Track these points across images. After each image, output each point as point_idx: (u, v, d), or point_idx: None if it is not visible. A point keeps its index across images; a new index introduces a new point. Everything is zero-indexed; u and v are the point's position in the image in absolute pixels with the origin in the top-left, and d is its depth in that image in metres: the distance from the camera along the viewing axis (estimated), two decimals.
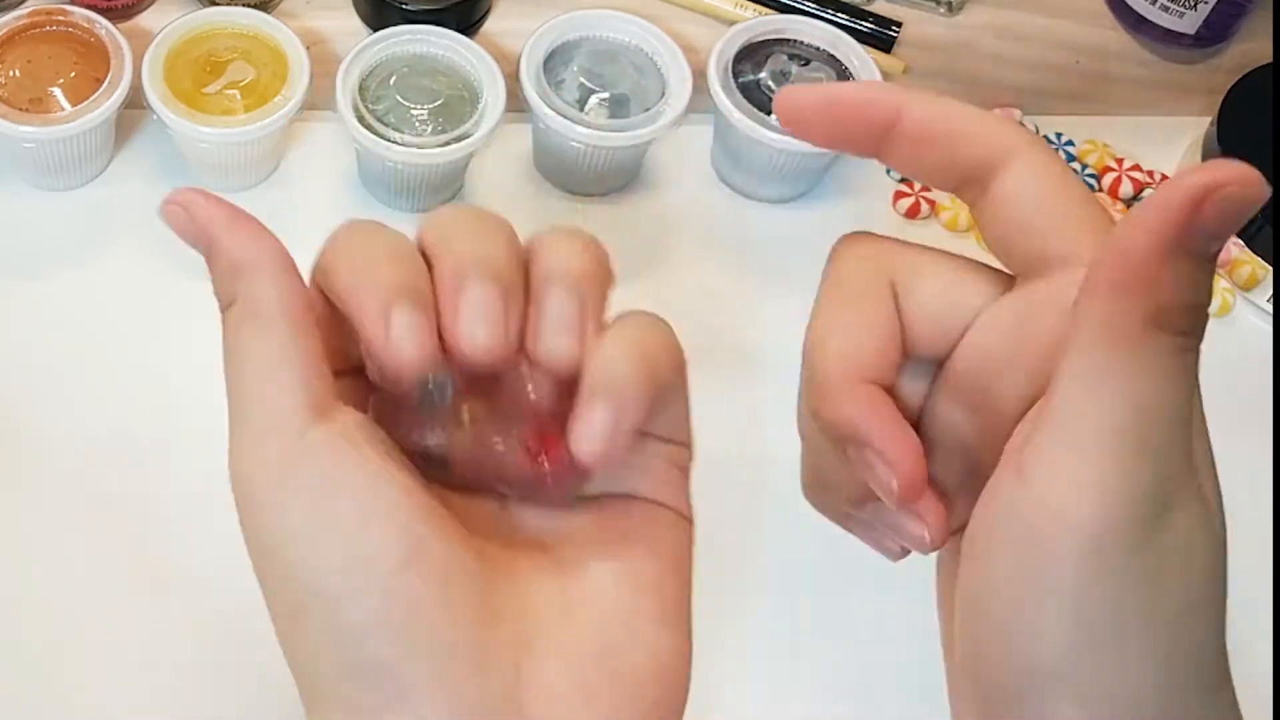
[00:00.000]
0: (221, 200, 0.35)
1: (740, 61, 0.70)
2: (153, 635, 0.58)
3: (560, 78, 0.69)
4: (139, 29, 0.70)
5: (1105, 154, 0.76)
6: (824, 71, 0.70)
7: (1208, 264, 0.29)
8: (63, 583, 0.59)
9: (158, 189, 0.70)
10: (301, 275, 0.35)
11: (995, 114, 0.34)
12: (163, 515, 0.61)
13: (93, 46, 0.67)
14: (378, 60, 0.68)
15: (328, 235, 0.36)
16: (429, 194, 0.69)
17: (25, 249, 0.68)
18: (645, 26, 0.70)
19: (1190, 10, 0.73)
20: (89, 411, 0.63)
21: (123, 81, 0.65)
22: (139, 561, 0.60)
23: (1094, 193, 0.75)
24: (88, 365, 0.64)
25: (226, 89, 0.67)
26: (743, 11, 0.73)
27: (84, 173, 0.69)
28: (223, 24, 0.68)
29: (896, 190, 0.74)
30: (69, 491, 0.61)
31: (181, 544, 0.60)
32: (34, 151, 0.66)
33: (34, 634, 0.58)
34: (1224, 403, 0.69)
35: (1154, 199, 0.28)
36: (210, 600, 0.59)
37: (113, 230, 0.68)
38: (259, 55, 0.67)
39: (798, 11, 0.74)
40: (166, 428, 0.63)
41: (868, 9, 0.75)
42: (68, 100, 0.65)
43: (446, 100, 0.67)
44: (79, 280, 0.67)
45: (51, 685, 0.57)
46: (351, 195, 0.71)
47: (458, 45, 0.68)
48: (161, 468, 0.62)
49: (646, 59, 0.70)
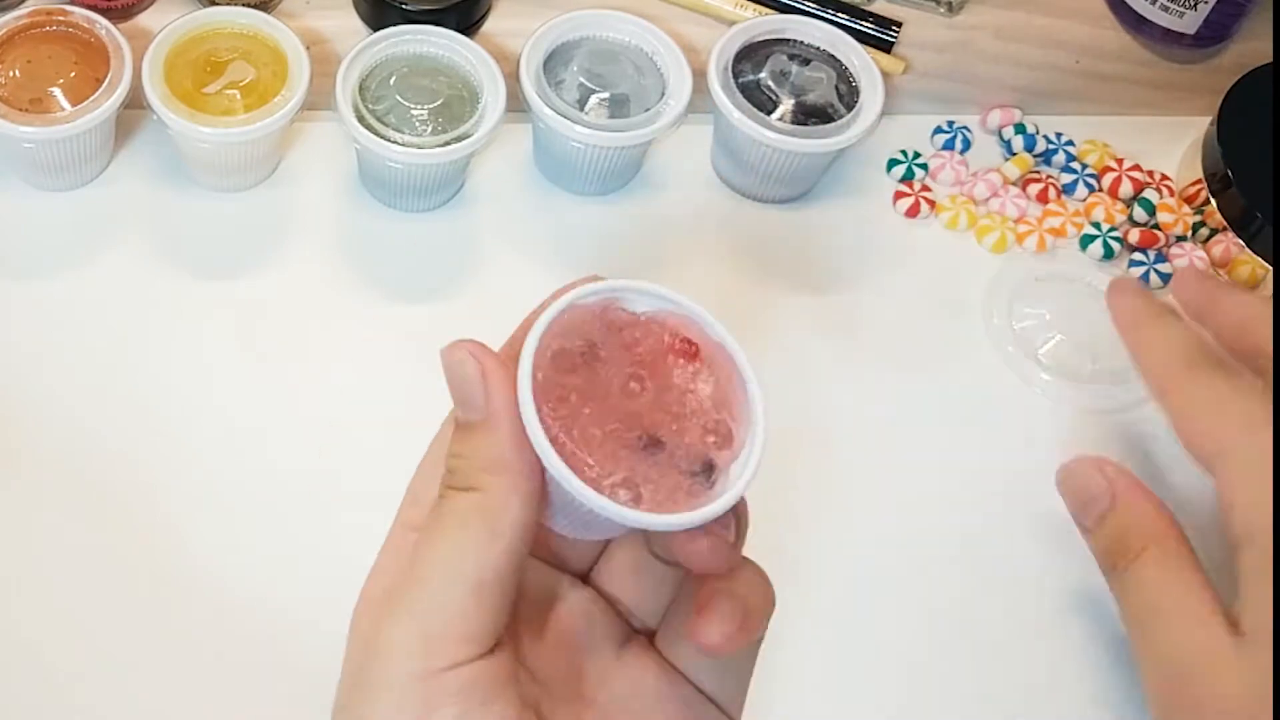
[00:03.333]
0: (506, 374, 0.36)
1: (740, 61, 0.70)
2: (153, 635, 0.58)
3: (560, 78, 0.69)
4: (139, 29, 0.70)
5: (1105, 154, 0.76)
6: (824, 71, 0.70)
7: None
8: (63, 583, 0.59)
9: (158, 189, 0.70)
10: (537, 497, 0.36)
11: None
12: (163, 515, 0.61)
13: (93, 46, 0.67)
14: (378, 60, 0.68)
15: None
16: (429, 194, 0.69)
17: (25, 249, 0.68)
18: (645, 26, 0.70)
19: (1190, 10, 0.73)
20: (88, 411, 0.63)
21: (123, 81, 0.65)
22: (139, 561, 0.60)
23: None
24: (87, 365, 0.64)
25: (226, 89, 0.67)
26: (743, 11, 0.73)
27: (84, 173, 0.69)
28: (223, 24, 0.68)
29: (896, 190, 0.74)
30: (68, 491, 0.61)
31: (181, 544, 0.60)
32: (34, 151, 0.66)
33: (34, 634, 0.58)
34: None
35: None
36: (211, 600, 0.59)
37: (113, 230, 0.68)
38: (259, 55, 0.67)
39: (798, 11, 0.74)
40: (166, 428, 0.63)
41: (868, 9, 0.75)
42: (68, 100, 0.65)
43: (446, 100, 0.67)
44: (78, 280, 0.67)
45: (51, 685, 0.57)
46: (351, 195, 0.71)
47: (458, 45, 0.68)
48: (161, 468, 0.62)
49: (646, 59, 0.70)
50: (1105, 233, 0.73)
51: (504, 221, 0.71)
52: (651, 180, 0.73)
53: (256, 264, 0.68)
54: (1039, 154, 0.75)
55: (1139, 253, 0.73)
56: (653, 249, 0.71)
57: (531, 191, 0.72)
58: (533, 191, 0.72)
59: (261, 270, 0.68)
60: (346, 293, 0.68)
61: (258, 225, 0.69)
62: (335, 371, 0.65)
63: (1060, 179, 0.75)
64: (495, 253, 0.70)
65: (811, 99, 0.69)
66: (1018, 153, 0.75)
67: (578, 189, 0.72)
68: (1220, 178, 0.71)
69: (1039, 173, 0.75)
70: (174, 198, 0.69)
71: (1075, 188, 0.75)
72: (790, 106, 0.69)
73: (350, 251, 0.69)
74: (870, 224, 0.73)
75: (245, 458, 0.63)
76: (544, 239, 0.71)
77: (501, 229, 0.71)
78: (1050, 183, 0.74)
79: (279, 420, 0.64)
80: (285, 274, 0.68)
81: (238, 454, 0.63)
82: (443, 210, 0.71)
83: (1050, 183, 0.74)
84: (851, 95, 0.70)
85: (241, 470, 0.62)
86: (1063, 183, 0.75)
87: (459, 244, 0.70)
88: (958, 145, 0.76)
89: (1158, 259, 0.72)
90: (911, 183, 0.74)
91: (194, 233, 0.68)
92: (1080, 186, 0.75)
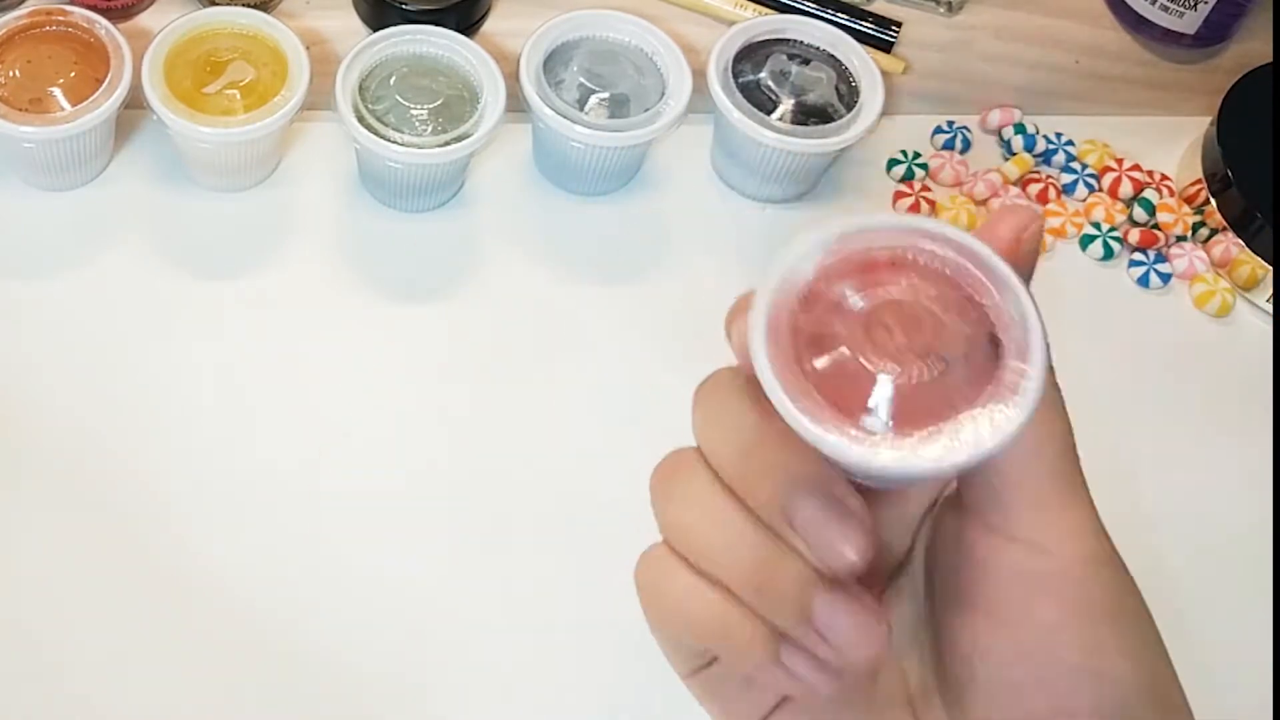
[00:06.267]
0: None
1: (740, 61, 0.70)
2: (153, 634, 0.58)
3: (560, 78, 0.69)
4: (139, 29, 0.70)
5: (1105, 154, 0.75)
6: (824, 71, 0.70)
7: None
8: (62, 583, 0.59)
9: (158, 189, 0.70)
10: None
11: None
12: (162, 515, 0.61)
13: (93, 46, 0.67)
14: (378, 60, 0.68)
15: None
16: (429, 194, 0.69)
17: (25, 249, 0.68)
18: (645, 26, 0.70)
19: (1190, 10, 0.73)
20: (88, 411, 0.63)
21: (122, 81, 0.65)
22: (138, 560, 0.60)
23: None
24: (87, 365, 0.64)
25: (226, 89, 0.67)
26: (743, 11, 0.73)
27: (84, 173, 0.69)
28: (223, 24, 0.68)
29: (896, 190, 0.74)
30: (68, 491, 0.61)
31: (181, 543, 0.60)
32: (34, 151, 0.66)
33: (33, 634, 0.58)
34: (1224, 402, 0.70)
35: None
36: (210, 598, 0.59)
37: (113, 230, 0.68)
38: (259, 55, 0.67)
39: (798, 11, 0.74)
40: (166, 427, 0.63)
41: (868, 9, 0.75)
42: (68, 100, 0.65)
43: (446, 100, 0.67)
44: (78, 280, 0.67)
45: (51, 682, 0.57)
46: (351, 195, 0.71)
47: (458, 45, 0.68)
48: (161, 467, 0.62)
49: (646, 59, 0.70)
50: (1105, 233, 0.73)
51: (504, 221, 0.71)
52: (651, 180, 0.73)
53: (256, 264, 0.68)
54: (1039, 154, 0.75)
55: (1139, 253, 0.73)
56: (653, 249, 0.71)
57: (531, 191, 0.72)
58: (533, 191, 0.72)
59: (261, 270, 0.68)
60: (346, 293, 0.68)
61: (258, 225, 0.69)
62: (335, 371, 0.65)
63: (1060, 179, 0.75)
64: (495, 253, 0.70)
65: (811, 99, 0.69)
66: (1017, 153, 0.75)
67: (578, 189, 0.72)
68: (1220, 178, 0.71)
69: (1039, 173, 0.75)
70: (174, 198, 0.69)
71: (1075, 188, 0.75)
72: (790, 106, 0.69)
73: (350, 251, 0.69)
74: None
75: (245, 457, 0.63)
76: (544, 239, 0.71)
77: (501, 229, 0.71)
78: (1050, 183, 0.74)
79: (279, 420, 0.64)
80: (285, 274, 0.68)
81: (237, 452, 0.63)
82: (443, 210, 0.71)
83: (1050, 183, 0.74)
84: (851, 95, 0.70)
85: (241, 469, 0.62)
86: (1063, 183, 0.75)
87: (459, 244, 0.70)
88: (958, 145, 0.76)
89: (1158, 259, 0.72)
90: (911, 183, 0.74)
91: (194, 233, 0.68)
92: (1080, 186, 0.75)
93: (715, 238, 0.72)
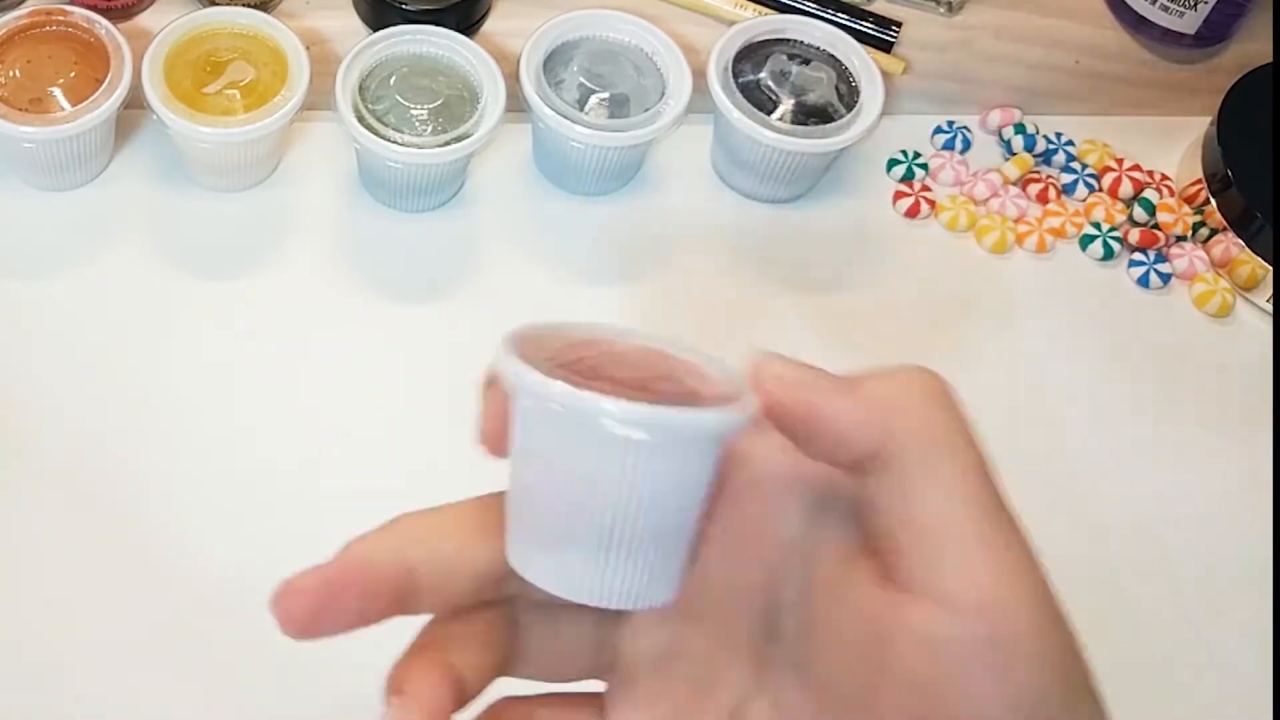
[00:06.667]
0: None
1: (740, 61, 0.70)
2: (153, 633, 0.58)
3: (560, 78, 0.69)
4: (139, 29, 0.70)
5: (1105, 154, 0.76)
6: (824, 71, 0.70)
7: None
8: (62, 583, 0.59)
9: (158, 189, 0.70)
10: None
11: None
12: (162, 515, 0.61)
13: (93, 46, 0.67)
14: (378, 60, 0.68)
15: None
16: (429, 194, 0.69)
17: (25, 249, 0.68)
18: (645, 26, 0.70)
19: (1190, 10, 0.73)
20: (88, 411, 0.63)
21: (122, 81, 0.65)
22: (139, 560, 0.60)
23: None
24: (87, 365, 0.64)
25: (226, 89, 0.67)
26: (743, 11, 0.73)
27: (84, 173, 0.69)
28: (223, 24, 0.68)
29: (896, 190, 0.74)
30: (68, 490, 0.61)
31: (181, 542, 0.60)
32: (34, 151, 0.66)
33: (33, 634, 0.58)
34: (1224, 402, 0.70)
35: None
36: (210, 598, 0.59)
37: (112, 230, 0.68)
38: (259, 55, 0.67)
39: (798, 11, 0.74)
40: (166, 427, 0.63)
41: (868, 9, 0.75)
42: (68, 100, 0.65)
43: (446, 100, 0.67)
44: (78, 280, 0.67)
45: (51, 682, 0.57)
46: (351, 195, 0.71)
47: (458, 45, 0.68)
48: (161, 467, 0.62)
49: (646, 59, 0.70)
50: (1105, 233, 0.73)
51: (504, 221, 0.71)
52: (651, 180, 0.73)
53: (256, 264, 0.68)
54: (1039, 154, 0.75)
55: (1139, 253, 0.73)
56: (653, 249, 0.71)
57: (531, 191, 0.72)
58: (533, 191, 0.72)
59: (261, 270, 0.68)
60: (346, 293, 0.68)
61: (258, 225, 0.69)
62: (335, 371, 0.65)
63: (1060, 179, 0.75)
64: (495, 253, 0.70)
65: (811, 99, 0.69)
66: (1018, 153, 0.75)
67: (578, 189, 0.72)
68: (1220, 178, 0.71)
69: (1039, 173, 0.75)
70: (174, 198, 0.69)
71: (1075, 188, 0.75)
72: (790, 106, 0.69)
73: (350, 251, 0.69)
74: (870, 224, 0.73)
75: (245, 457, 0.63)
76: (544, 239, 0.71)
77: (501, 229, 0.71)
78: (1050, 183, 0.74)
79: (279, 420, 0.64)
80: (285, 274, 0.68)
81: (237, 453, 0.63)
82: (443, 210, 0.71)
83: (1050, 183, 0.74)
84: (851, 95, 0.70)
85: (241, 469, 0.62)
86: (1063, 183, 0.75)
87: (459, 244, 0.70)
88: (958, 145, 0.76)
89: (1158, 259, 0.72)
90: (911, 183, 0.74)
91: (194, 233, 0.68)
92: (1080, 186, 0.75)
93: (715, 238, 0.72)
